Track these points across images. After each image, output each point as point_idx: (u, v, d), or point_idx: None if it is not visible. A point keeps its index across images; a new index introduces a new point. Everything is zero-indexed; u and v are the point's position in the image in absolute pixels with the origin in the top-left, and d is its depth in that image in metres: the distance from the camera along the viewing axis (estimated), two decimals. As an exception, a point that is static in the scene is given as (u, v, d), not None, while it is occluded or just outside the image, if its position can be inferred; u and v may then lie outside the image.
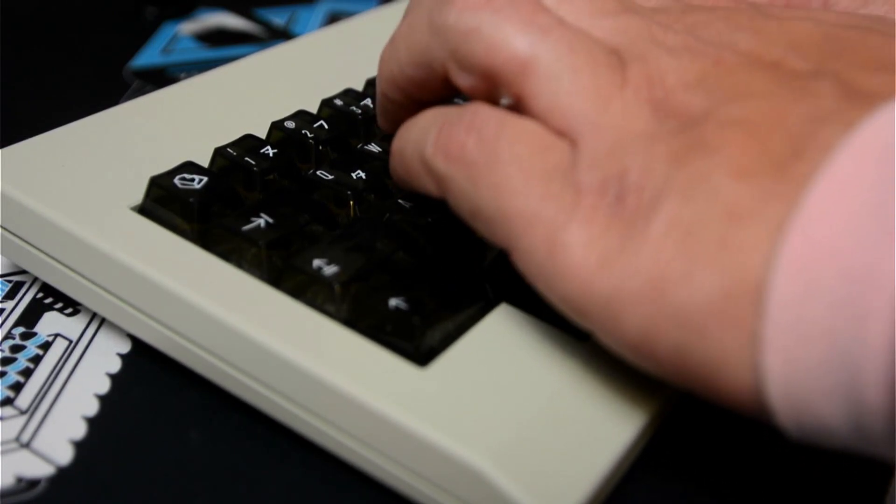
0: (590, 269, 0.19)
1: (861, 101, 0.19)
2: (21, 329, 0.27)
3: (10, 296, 0.28)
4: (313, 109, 0.31)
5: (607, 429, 0.21)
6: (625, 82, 0.21)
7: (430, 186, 0.23)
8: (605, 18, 0.22)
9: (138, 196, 0.26)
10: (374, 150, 0.29)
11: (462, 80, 0.23)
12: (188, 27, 0.49)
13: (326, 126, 0.30)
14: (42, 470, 0.23)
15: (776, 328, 0.17)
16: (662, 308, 0.18)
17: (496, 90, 0.22)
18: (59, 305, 0.28)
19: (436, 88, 0.24)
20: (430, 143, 0.22)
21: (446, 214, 0.25)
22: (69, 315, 0.28)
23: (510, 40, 0.21)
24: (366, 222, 0.26)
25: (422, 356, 0.22)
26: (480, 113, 0.22)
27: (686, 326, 0.18)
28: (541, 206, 0.20)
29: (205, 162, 0.28)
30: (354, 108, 0.31)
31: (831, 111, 0.19)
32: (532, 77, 0.21)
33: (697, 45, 0.21)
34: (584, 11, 0.22)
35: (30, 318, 0.27)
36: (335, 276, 0.23)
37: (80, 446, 0.23)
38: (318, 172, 0.28)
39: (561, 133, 0.21)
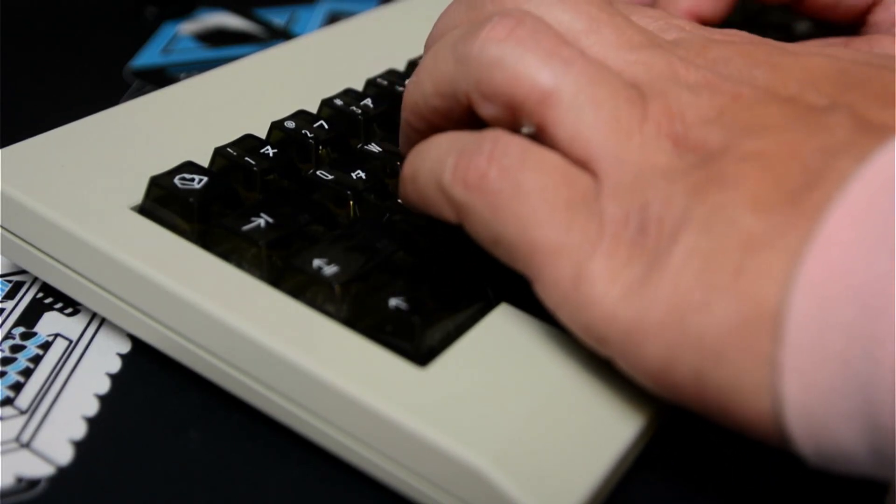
0: (613, 299, 0.20)
1: (873, 133, 0.19)
2: (21, 329, 0.27)
3: (10, 296, 0.28)
4: (313, 109, 0.31)
5: (607, 429, 0.21)
6: (645, 117, 0.21)
7: (447, 213, 0.23)
8: (630, 52, 0.22)
9: (138, 196, 0.26)
10: (374, 150, 0.29)
11: (485, 110, 0.22)
12: (188, 27, 0.49)
13: (326, 126, 0.30)
14: (42, 470, 0.23)
15: (793, 353, 0.17)
16: (682, 336, 0.19)
17: (518, 120, 0.22)
18: (59, 305, 0.28)
19: (459, 118, 0.24)
20: (448, 170, 0.22)
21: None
22: (69, 315, 0.28)
23: (533, 71, 0.21)
24: (366, 222, 0.26)
25: (422, 356, 0.22)
26: (501, 141, 0.22)
27: (705, 353, 0.18)
28: (565, 237, 0.20)
29: (205, 162, 0.28)
30: (354, 108, 0.31)
31: (844, 144, 0.19)
32: (554, 108, 0.21)
33: (716, 80, 0.22)
34: (611, 44, 0.23)
35: (30, 318, 0.27)
36: (335, 276, 0.23)
37: (80, 446, 0.23)
38: (318, 172, 0.28)
39: (582, 163, 0.21)
